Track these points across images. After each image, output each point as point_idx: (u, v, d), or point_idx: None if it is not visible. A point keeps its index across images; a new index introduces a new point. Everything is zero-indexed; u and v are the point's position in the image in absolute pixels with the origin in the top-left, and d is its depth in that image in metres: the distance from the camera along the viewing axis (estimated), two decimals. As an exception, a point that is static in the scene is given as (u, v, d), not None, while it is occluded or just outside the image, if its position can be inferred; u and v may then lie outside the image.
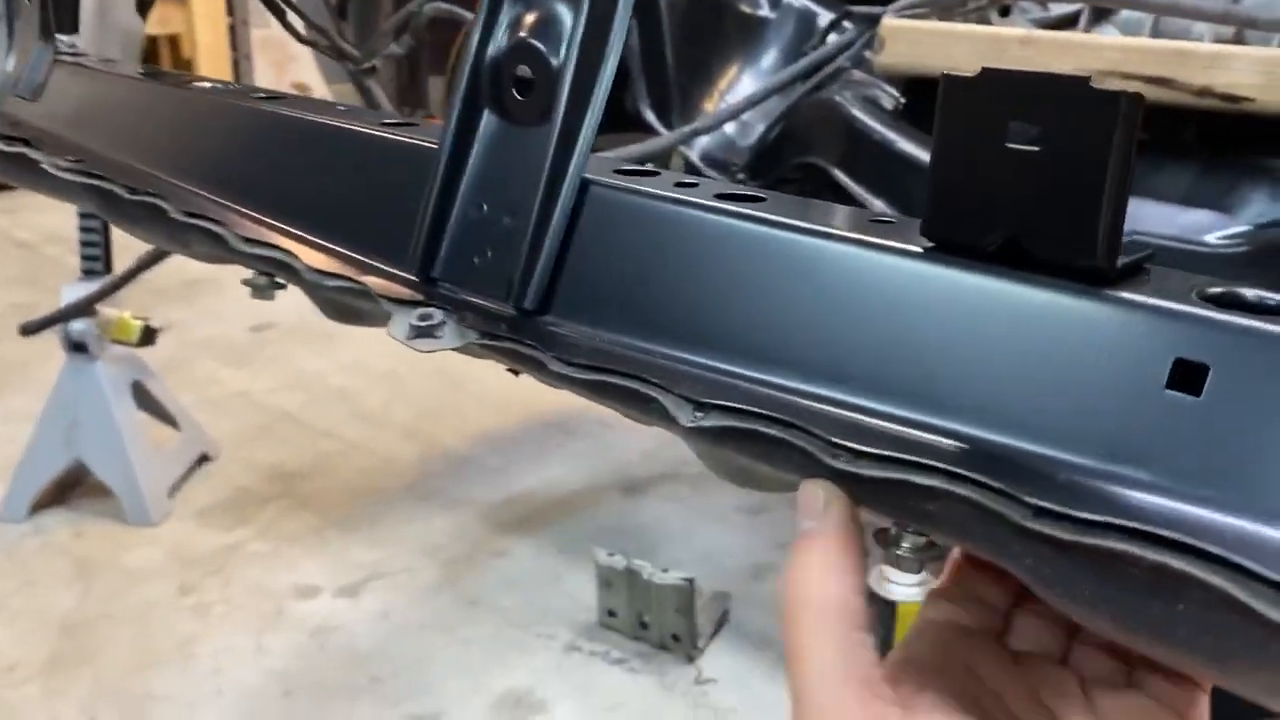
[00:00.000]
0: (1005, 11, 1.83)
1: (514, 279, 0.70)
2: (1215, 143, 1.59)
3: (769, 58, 2.09)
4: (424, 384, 3.14)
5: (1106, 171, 0.50)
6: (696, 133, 1.91)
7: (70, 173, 0.99)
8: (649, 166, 0.74)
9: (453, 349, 0.72)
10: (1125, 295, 0.50)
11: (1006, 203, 0.52)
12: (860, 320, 0.57)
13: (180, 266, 2.30)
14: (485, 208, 0.74)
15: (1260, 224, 1.50)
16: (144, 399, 2.50)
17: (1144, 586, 0.46)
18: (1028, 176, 0.52)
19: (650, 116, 1.99)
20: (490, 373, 3.04)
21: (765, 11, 2.10)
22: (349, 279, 0.78)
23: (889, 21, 1.72)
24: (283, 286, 0.98)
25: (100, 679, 1.92)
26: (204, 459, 2.65)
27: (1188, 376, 0.47)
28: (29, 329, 2.29)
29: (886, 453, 0.51)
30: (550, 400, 3.00)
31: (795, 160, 1.90)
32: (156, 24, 5.39)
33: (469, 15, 1.81)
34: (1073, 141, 0.51)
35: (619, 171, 0.72)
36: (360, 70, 1.71)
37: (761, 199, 0.65)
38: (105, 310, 2.27)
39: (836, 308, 0.58)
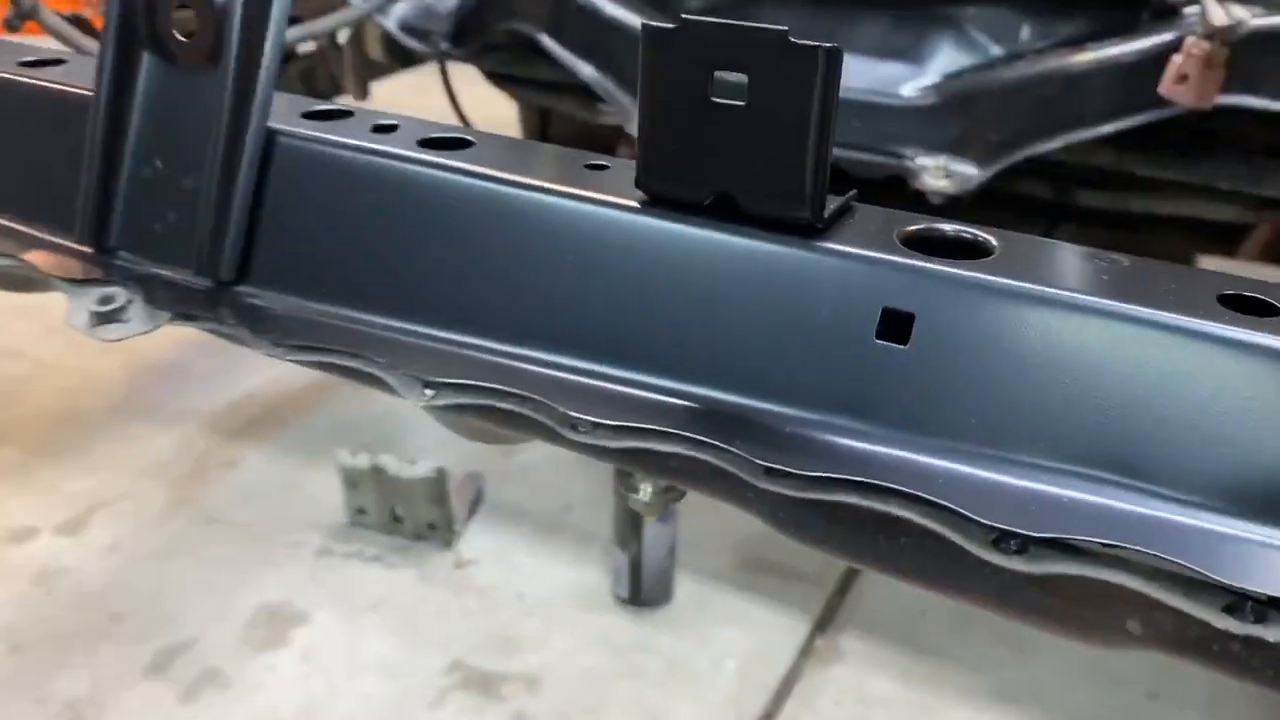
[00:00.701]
0: None
1: (203, 247, 0.64)
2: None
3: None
4: (122, 287, 2.89)
5: (809, 124, 0.50)
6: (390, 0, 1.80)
7: None
8: (341, 105, 0.67)
9: (142, 334, 0.65)
10: (833, 246, 0.51)
11: (715, 156, 0.52)
12: (578, 280, 0.56)
13: None
14: (159, 165, 0.66)
15: (948, 74, 1.58)
16: None
17: (869, 526, 0.49)
18: (733, 130, 0.51)
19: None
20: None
21: None
22: (8, 257, 0.68)
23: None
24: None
25: None
26: None
27: (895, 326, 0.49)
28: None
29: (622, 423, 0.51)
30: (267, 290, 2.84)
31: (500, 26, 1.83)
32: None
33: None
34: (774, 95, 0.50)
35: (308, 115, 0.66)
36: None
37: (468, 143, 0.61)
38: None
39: (553, 267, 0.56)
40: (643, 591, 1.87)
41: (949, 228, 0.52)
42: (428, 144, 0.62)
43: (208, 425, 2.34)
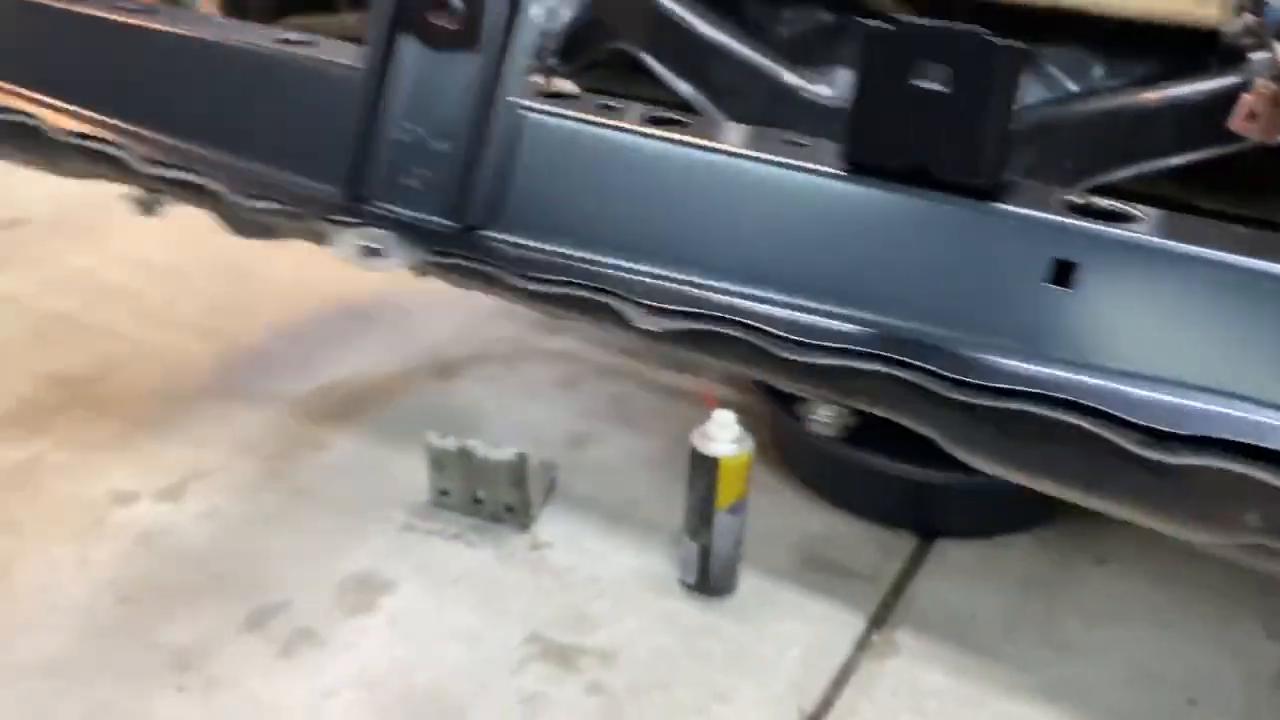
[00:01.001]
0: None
1: (456, 197, 0.76)
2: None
3: (571, -61, 2.11)
4: (209, 277, 3.04)
5: (992, 107, 0.62)
6: (504, 20, 1.94)
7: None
8: (569, 89, 0.80)
9: (404, 268, 0.77)
10: (1012, 208, 0.63)
11: (913, 132, 0.64)
12: (789, 230, 0.68)
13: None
14: (414, 130, 0.79)
15: (1028, 106, 1.71)
16: (-95, 311, 2.31)
17: (1034, 436, 0.60)
18: (930, 111, 0.63)
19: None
20: (279, 261, 3.00)
21: (562, -107, 2.11)
22: (282, 203, 0.81)
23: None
24: (161, 203, 0.98)
25: (-87, 608, 1.85)
26: (-21, 370, 2.49)
27: (1062, 273, 0.61)
28: None
29: (827, 344, 0.63)
30: (346, 287, 2.99)
31: (604, 45, 1.97)
32: None
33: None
34: (966, 82, 0.62)
35: (544, 95, 0.79)
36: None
37: (686, 124, 0.74)
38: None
39: (766, 221, 0.69)
40: (710, 580, 1.98)
41: (1101, 200, 0.64)
42: (652, 121, 0.74)
43: (296, 408, 2.47)
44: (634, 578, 2.04)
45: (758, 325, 0.66)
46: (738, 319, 0.66)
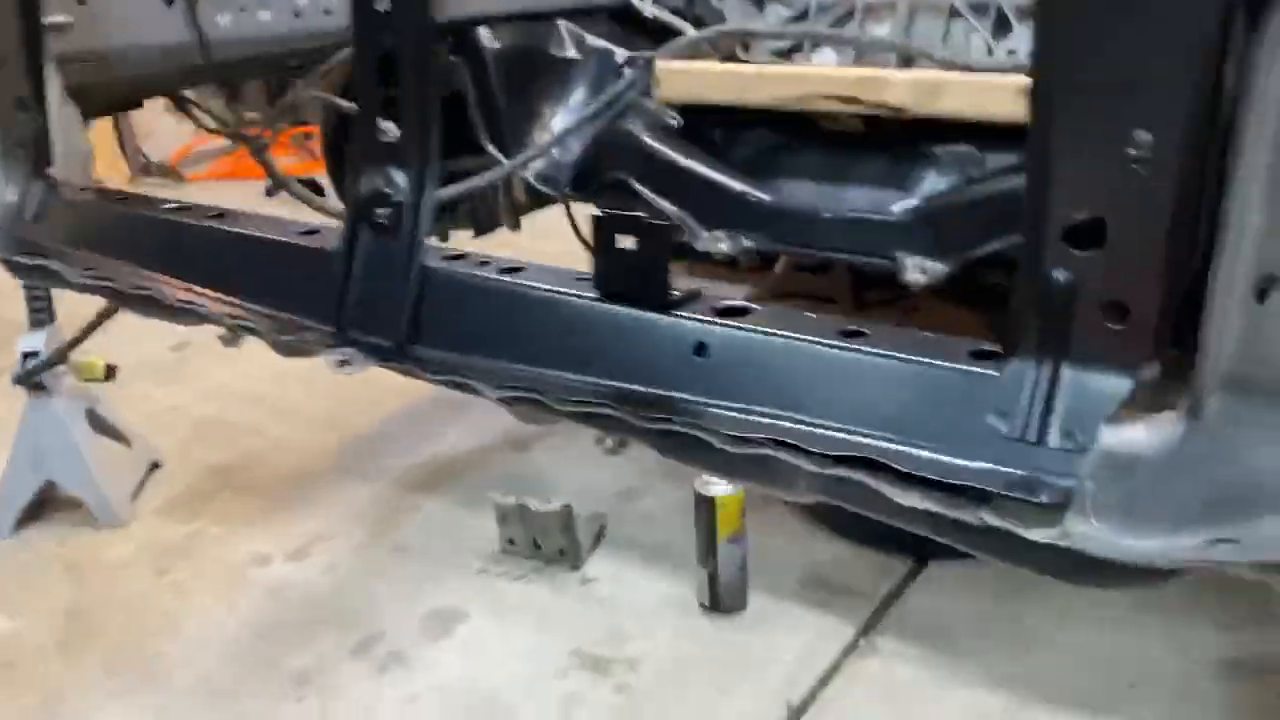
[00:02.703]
0: (747, 46, 2.39)
1: (396, 325, 1.24)
2: (908, 137, 2.19)
3: (580, 91, 2.62)
4: (336, 380, 3.63)
5: (659, 264, 1.06)
6: (528, 160, 2.45)
7: (89, 278, 1.49)
8: (460, 250, 1.27)
9: (362, 371, 1.26)
10: (679, 315, 1.06)
11: (628, 275, 1.08)
12: (573, 338, 1.13)
13: (96, 302, 2.79)
14: (372, 283, 1.28)
15: (927, 197, 2.10)
16: (97, 423, 2.96)
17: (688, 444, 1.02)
18: (629, 263, 1.08)
19: (491, 148, 2.52)
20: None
21: (572, 53, 2.62)
22: (297, 336, 1.31)
23: (661, 64, 2.28)
24: (240, 338, 1.51)
25: (112, 646, 2.43)
26: (155, 467, 3.12)
27: (700, 349, 1.04)
28: (22, 380, 2.77)
29: (593, 399, 1.07)
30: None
31: (607, 176, 2.45)
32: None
33: (341, 102, 2.31)
34: (647, 246, 1.07)
35: (446, 258, 1.26)
36: (259, 148, 2.21)
37: (522, 269, 1.20)
38: (73, 356, 2.75)
39: (561, 330, 1.14)
40: (721, 600, 2.38)
41: (731, 302, 1.07)
42: (506, 271, 1.21)
43: (397, 481, 3.01)
44: (664, 602, 2.46)
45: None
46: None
